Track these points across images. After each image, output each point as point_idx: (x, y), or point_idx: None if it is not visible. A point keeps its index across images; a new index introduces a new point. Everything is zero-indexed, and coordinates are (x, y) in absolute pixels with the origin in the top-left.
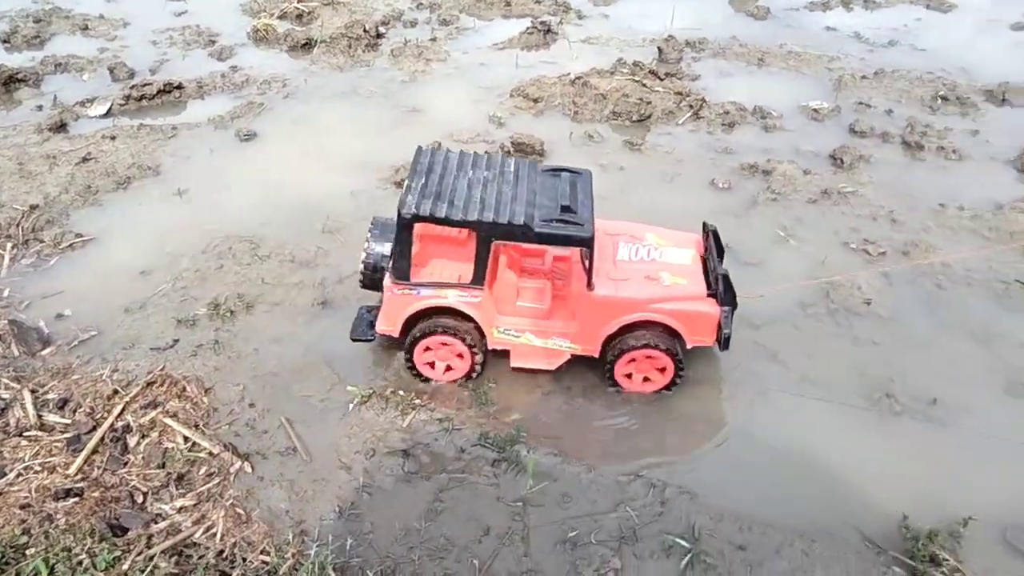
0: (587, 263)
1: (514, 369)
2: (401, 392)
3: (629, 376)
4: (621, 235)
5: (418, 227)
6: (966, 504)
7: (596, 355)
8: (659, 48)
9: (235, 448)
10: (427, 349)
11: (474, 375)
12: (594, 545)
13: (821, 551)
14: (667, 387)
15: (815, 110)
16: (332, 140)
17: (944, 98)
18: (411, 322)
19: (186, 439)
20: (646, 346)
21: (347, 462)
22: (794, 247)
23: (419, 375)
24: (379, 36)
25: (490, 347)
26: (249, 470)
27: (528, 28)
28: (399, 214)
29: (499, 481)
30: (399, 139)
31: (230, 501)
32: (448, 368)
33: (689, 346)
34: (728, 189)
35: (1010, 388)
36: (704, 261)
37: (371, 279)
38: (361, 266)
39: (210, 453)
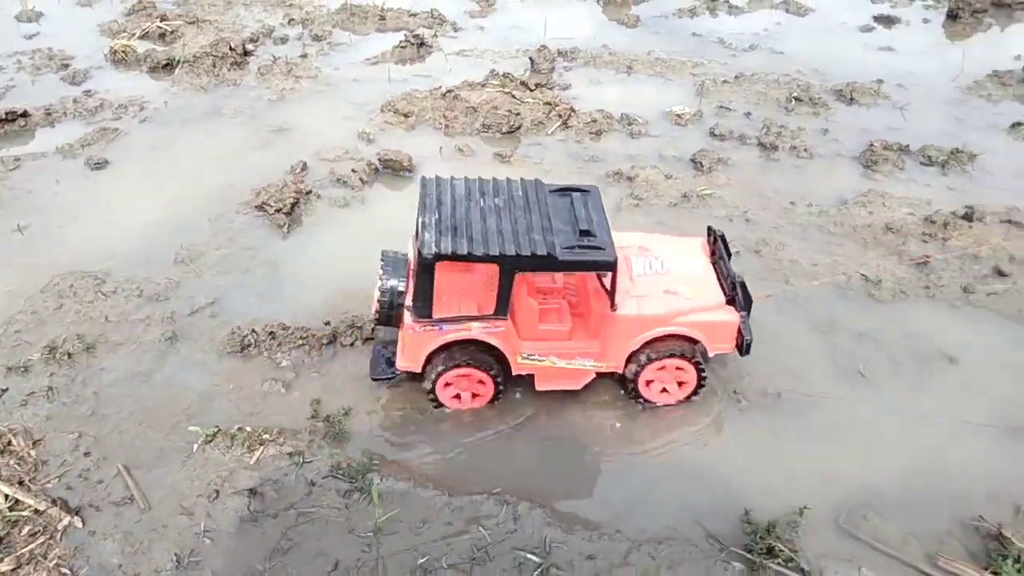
0: (610, 285)
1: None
2: (248, 428)
3: (648, 385)
4: (631, 247)
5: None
6: (806, 493)
7: (620, 371)
8: (531, 59)
9: (65, 503)
10: (447, 384)
11: (499, 399)
12: (445, 570)
13: (668, 553)
14: (690, 396)
15: (678, 115)
16: (191, 165)
17: (798, 99)
18: (431, 356)
19: (7, 497)
20: (671, 356)
21: (188, 507)
22: None
23: (441, 406)
24: (246, 54)
25: (515, 373)
26: (80, 525)
27: (401, 42)
28: (420, 255)
29: (350, 512)
30: (263, 161)
31: (54, 561)
32: (474, 396)
33: (711, 354)
34: None
35: (847, 376)
36: (715, 267)
37: (387, 316)
38: (376, 304)
39: (35, 511)
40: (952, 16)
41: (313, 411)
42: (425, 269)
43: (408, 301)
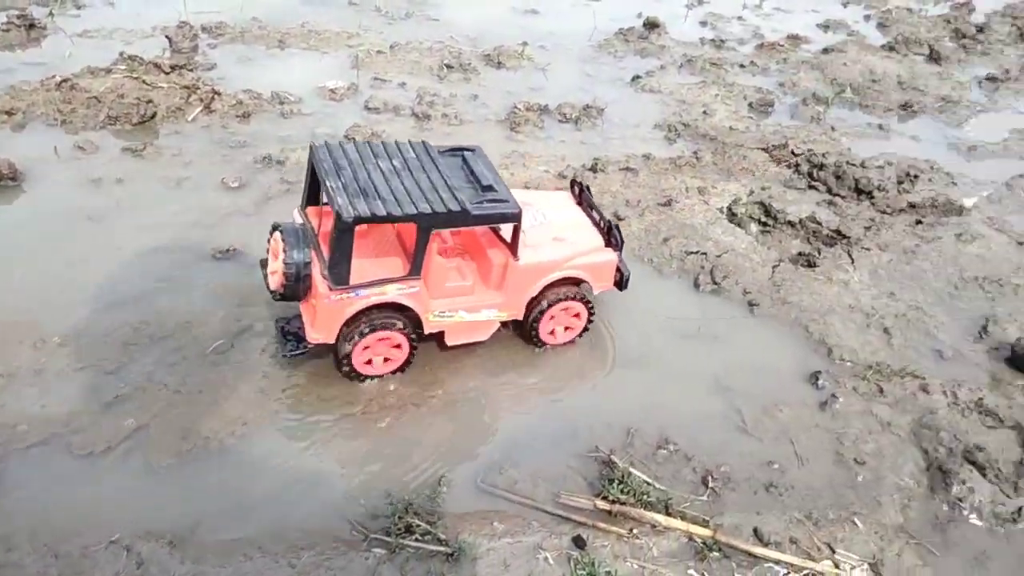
0: (512, 236)
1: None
2: None
3: (552, 333)
4: None
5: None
6: (450, 461)
7: (521, 318)
8: (168, 37)
9: None
10: (365, 348)
11: (409, 363)
12: None
13: (309, 558)
14: (582, 332)
15: (332, 91)
16: None
17: (450, 66)
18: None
19: None
20: (567, 299)
21: None
22: None
23: (357, 376)
24: None
25: (427, 331)
26: None
27: (4, 24)
28: (339, 218)
29: None
30: None
31: None
32: (386, 360)
33: (596, 292)
34: (240, 187)
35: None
36: (587, 214)
37: (294, 290)
38: (281, 278)
39: None
40: None
41: None
42: (344, 233)
43: (316, 271)
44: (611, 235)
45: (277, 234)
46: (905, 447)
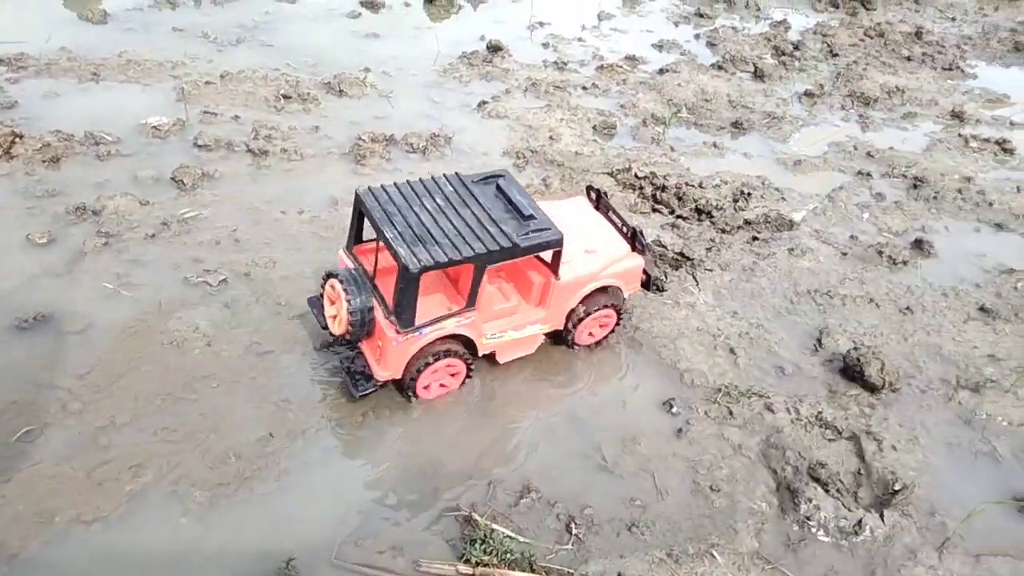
0: (555, 259)
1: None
2: None
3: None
4: None
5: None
6: (292, 542)
7: (561, 327)
8: None
9: None
10: (427, 384)
11: (466, 382)
12: None
13: None
14: (608, 335)
15: (156, 127)
16: None
17: (287, 96)
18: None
19: None
20: (602, 307)
21: None
22: (127, 298)
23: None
24: None
25: (480, 354)
26: None
27: None
28: (406, 270)
29: None
30: None
31: None
32: (441, 386)
33: (626, 295)
34: (49, 243)
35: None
36: (607, 219)
37: (358, 334)
38: (346, 325)
39: None
40: None
41: None
42: (410, 283)
43: (379, 314)
44: (636, 240)
45: (335, 282)
46: (756, 469)
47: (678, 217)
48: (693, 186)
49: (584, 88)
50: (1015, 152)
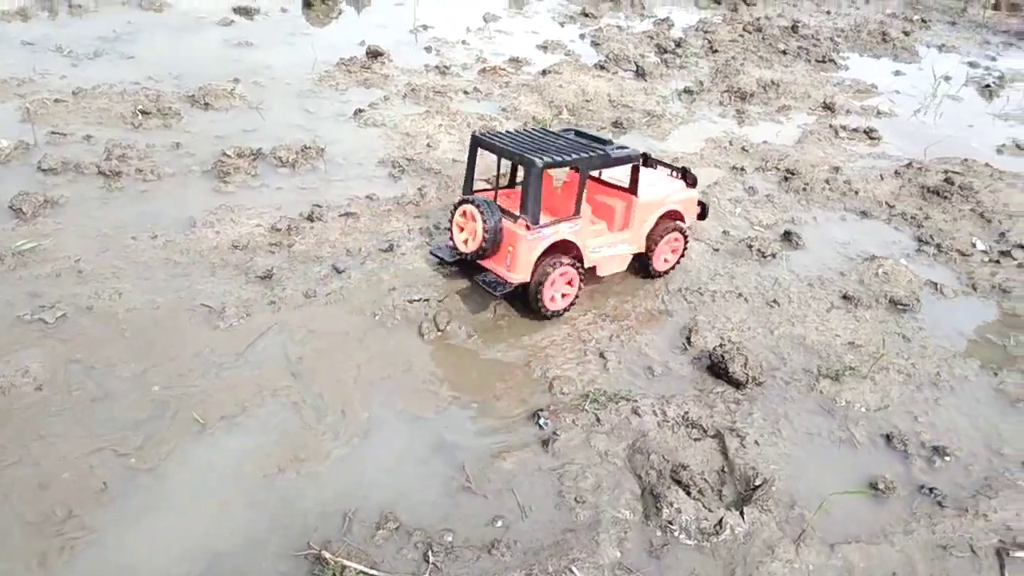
0: (633, 176)
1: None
2: None
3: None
4: None
5: None
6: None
7: (643, 250)
8: None
9: None
10: (552, 285)
11: (578, 296)
12: None
13: None
14: (679, 260)
15: None
16: None
17: (146, 112)
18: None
19: None
20: (672, 231)
21: None
22: None
23: (547, 312)
24: None
25: (586, 265)
26: None
27: None
28: (532, 165)
29: None
30: None
31: None
32: (564, 296)
33: (687, 223)
34: None
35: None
36: (657, 167)
37: (490, 248)
38: (480, 240)
39: None
40: (307, 3)
41: None
42: (536, 179)
43: (507, 224)
44: (686, 177)
45: (469, 207)
46: (622, 476)
47: None
48: None
49: (466, 92)
50: (880, 140)
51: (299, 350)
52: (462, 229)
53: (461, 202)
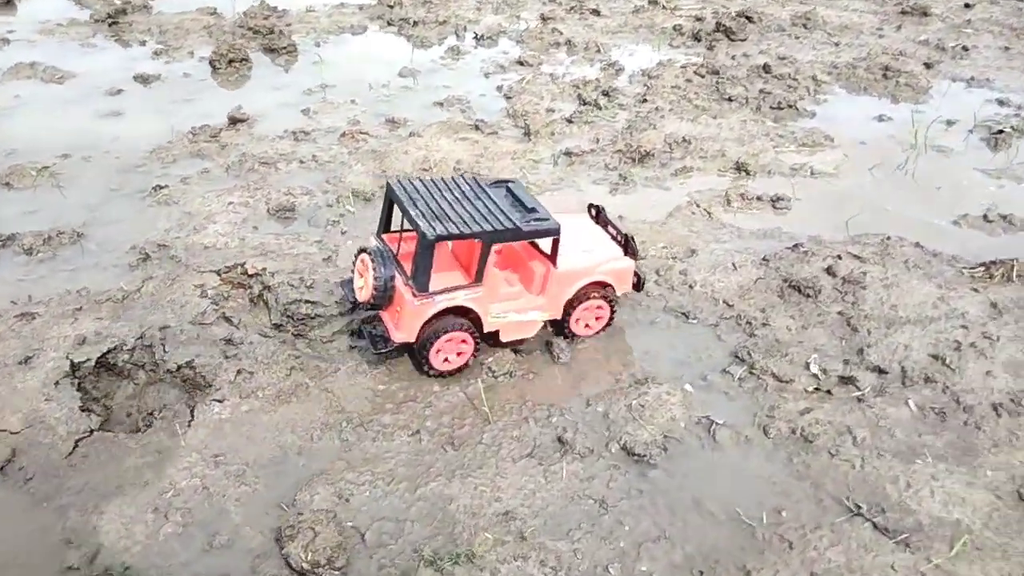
0: (553, 248)
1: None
2: None
3: (576, 322)
4: None
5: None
6: None
7: (559, 317)
8: None
9: None
10: (439, 350)
11: (472, 360)
12: None
13: None
14: (605, 327)
15: None
16: None
17: None
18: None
19: None
20: (595, 297)
21: None
22: None
23: (433, 372)
24: None
25: (486, 330)
26: None
27: None
28: (424, 237)
29: None
30: None
31: None
32: (455, 356)
33: (618, 293)
34: None
35: None
36: (605, 229)
37: (382, 300)
38: (371, 291)
39: None
40: (213, 67)
41: None
42: (427, 249)
43: (399, 283)
44: (628, 246)
45: (365, 256)
46: None
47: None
48: (295, 286)
49: (301, 162)
50: (787, 211)
51: None
52: (361, 276)
53: (362, 250)
